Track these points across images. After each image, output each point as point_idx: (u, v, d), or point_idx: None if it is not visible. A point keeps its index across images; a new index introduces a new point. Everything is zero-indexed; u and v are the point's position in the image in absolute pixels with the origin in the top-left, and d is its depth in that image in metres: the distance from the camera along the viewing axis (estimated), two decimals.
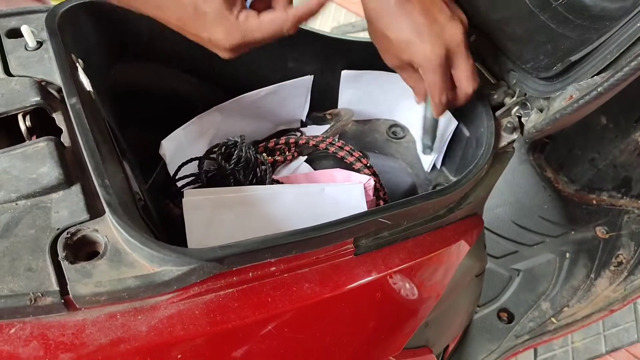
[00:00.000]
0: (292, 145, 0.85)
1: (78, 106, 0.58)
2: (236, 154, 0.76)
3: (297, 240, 0.55)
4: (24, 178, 0.54)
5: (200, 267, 0.50)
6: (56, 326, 0.48)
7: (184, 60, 0.83)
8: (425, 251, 0.67)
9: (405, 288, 0.66)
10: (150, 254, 0.49)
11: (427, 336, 0.81)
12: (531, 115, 0.72)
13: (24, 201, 0.53)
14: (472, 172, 0.69)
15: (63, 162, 0.55)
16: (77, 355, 0.48)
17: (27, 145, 0.56)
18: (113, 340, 0.49)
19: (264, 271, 0.56)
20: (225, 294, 0.54)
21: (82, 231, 0.51)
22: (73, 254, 0.50)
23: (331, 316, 0.60)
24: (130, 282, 0.49)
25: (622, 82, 0.56)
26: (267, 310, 0.54)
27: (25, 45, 0.67)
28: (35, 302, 0.47)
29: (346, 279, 0.60)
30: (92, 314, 0.49)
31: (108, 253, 0.50)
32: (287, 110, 0.92)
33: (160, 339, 0.50)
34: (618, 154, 1.21)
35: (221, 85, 0.87)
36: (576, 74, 0.64)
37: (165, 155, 0.78)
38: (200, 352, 0.52)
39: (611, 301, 1.26)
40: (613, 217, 1.30)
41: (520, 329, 1.24)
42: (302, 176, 0.82)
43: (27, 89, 0.61)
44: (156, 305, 0.51)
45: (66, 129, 0.61)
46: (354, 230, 0.59)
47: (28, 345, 0.47)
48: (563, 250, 1.31)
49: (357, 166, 0.82)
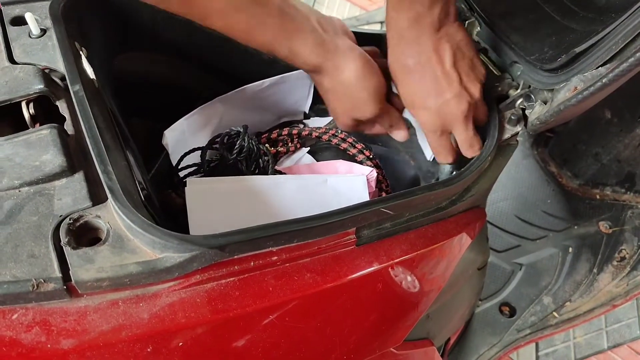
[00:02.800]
0: (295, 136, 0.85)
1: (81, 93, 0.58)
2: (238, 144, 0.76)
3: (300, 228, 0.55)
4: (27, 165, 0.54)
5: (202, 253, 0.50)
6: (58, 312, 0.48)
7: (188, 51, 0.83)
8: (427, 243, 0.67)
9: (406, 279, 0.66)
10: (152, 240, 0.49)
11: (428, 328, 0.81)
12: (535, 108, 0.72)
13: (27, 188, 0.53)
14: (475, 164, 0.69)
15: (66, 149, 0.55)
16: (78, 341, 0.48)
17: (30, 133, 0.56)
18: (115, 327, 0.49)
19: (266, 260, 0.56)
20: (226, 282, 0.54)
21: (85, 217, 0.51)
22: (75, 240, 0.50)
23: (332, 306, 0.60)
24: (132, 268, 0.49)
25: (627, 73, 0.56)
26: (268, 299, 0.55)
27: (29, 32, 0.67)
28: (38, 288, 0.47)
29: (348, 269, 0.60)
30: (94, 301, 0.49)
31: (110, 239, 0.50)
32: (291, 102, 0.91)
33: (162, 327, 0.50)
34: (622, 149, 1.20)
35: (224, 75, 0.87)
36: (581, 65, 0.63)
37: (168, 145, 0.78)
38: (201, 340, 0.52)
39: (613, 296, 1.26)
40: (616, 212, 1.30)
41: (522, 323, 1.24)
42: (305, 167, 0.82)
43: (31, 77, 0.61)
44: (158, 292, 0.51)
45: (69, 117, 0.61)
46: (357, 219, 0.59)
47: (30, 331, 0.47)
48: (566, 245, 1.31)
49: (360, 158, 0.82)
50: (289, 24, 0.65)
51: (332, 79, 0.71)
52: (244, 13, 0.62)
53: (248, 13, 0.63)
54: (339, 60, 0.69)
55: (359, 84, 0.70)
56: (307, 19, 0.68)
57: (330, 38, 0.69)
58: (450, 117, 0.70)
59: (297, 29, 0.66)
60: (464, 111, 0.69)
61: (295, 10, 0.67)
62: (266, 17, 0.64)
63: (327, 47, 0.68)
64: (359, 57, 0.70)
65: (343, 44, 0.70)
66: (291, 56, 0.68)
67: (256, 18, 0.63)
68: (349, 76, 0.70)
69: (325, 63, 0.69)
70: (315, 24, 0.68)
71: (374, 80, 0.71)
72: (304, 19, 0.67)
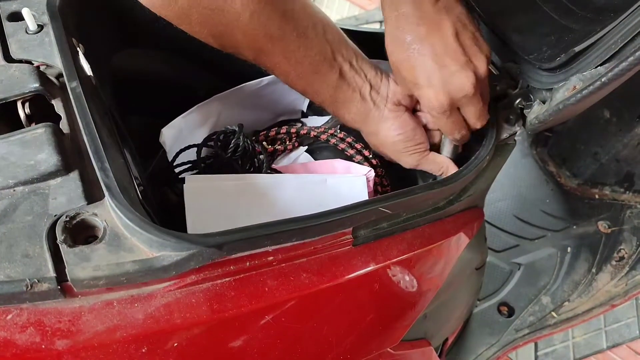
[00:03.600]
0: (293, 135, 0.85)
1: (78, 90, 0.58)
2: (233, 142, 0.76)
3: (298, 227, 0.55)
4: (21, 164, 0.54)
5: (199, 252, 0.50)
6: (53, 313, 0.48)
7: (186, 49, 0.83)
8: (424, 243, 0.67)
9: (403, 280, 0.66)
10: (149, 239, 0.49)
11: (425, 328, 0.80)
12: (533, 107, 0.71)
13: (21, 187, 0.53)
14: (474, 163, 0.69)
15: (61, 148, 0.55)
16: (73, 342, 0.48)
17: (25, 132, 0.56)
18: (109, 327, 0.49)
19: (262, 260, 0.55)
20: (222, 282, 0.53)
21: (81, 215, 0.51)
22: (72, 238, 0.49)
23: (329, 307, 0.60)
24: (129, 266, 0.48)
25: (626, 72, 0.56)
26: (264, 299, 0.54)
27: (26, 28, 0.66)
28: (32, 288, 0.46)
29: (344, 269, 0.60)
30: (89, 301, 0.49)
31: (107, 237, 0.50)
32: (289, 101, 0.91)
33: (157, 327, 0.50)
34: (621, 148, 1.20)
35: (223, 73, 0.87)
36: (580, 64, 0.63)
37: (165, 143, 0.78)
38: (196, 340, 0.52)
39: (612, 296, 1.26)
40: (615, 212, 1.29)
41: (521, 323, 1.23)
42: (301, 166, 0.81)
43: (26, 76, 0.60)
44: (153, 293, 0.51)
45: (65, 116, 0.60)
46: (355, 219, 0.59)
47: (25, 332, 0.47)
48: (564, 245, 1.31)
49: (358, 158, 0.82)
50: (340, 95, 0.69)
51: (370, 139, 0.75)
52: (303, 80, 0.67)
53: (307, 81, 0.67)
54: (376, 126, 0.73)
55: (395, 147, 0.74)
56: (360, 88, 0.70)
57: (374, 109, 0.71)
58: (458, 92, 0.65)
59: (347, 100, 0.70)
60: (473, 83, 0.64)
61: (350, 82, 0.69)
62: (323, 88, 0.68)
63: (369, 116, 0.72)
64: (398, 121, 0.72)
65: (386, 114, 0.72)
66: (334, 115, 0.74)
67: (313, 86, 0.68)
68: (384, 140, 0.73)
69: (363, 128, 0.74)
70: (367, 94, 0.71)
71: (410, 140, 0.73)
72: (356, 90, 0.70)
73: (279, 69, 0.66)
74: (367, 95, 0.71)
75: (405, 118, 0.72)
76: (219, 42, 0.62)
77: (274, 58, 0.64)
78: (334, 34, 0.67)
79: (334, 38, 0.67)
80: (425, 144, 0.74)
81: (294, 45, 0.64)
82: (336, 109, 0.71)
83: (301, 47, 0.64)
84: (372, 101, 0.71)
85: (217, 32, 0.61)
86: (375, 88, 0.71)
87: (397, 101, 0.71)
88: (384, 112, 0.71)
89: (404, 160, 0.76)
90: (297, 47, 0.64)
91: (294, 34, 0.63)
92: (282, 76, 0.67)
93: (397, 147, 0.74)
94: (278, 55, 0.64)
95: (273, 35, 0.62)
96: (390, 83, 0.72)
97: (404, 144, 0.73)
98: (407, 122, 0.72)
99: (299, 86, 0.68)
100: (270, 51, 0.63)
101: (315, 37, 0.65)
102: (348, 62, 0.68)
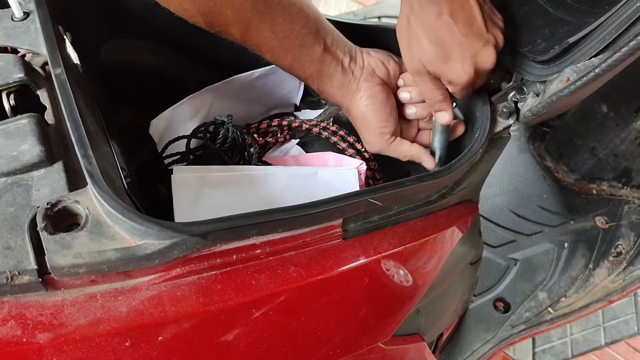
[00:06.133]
0: (285, 127, 0.84)
1: (63, 76, 0.57)
2: (222, 134, 0.75)
3: (284, 217, 0.53)
4: (4, 155, 0.53)
5: (183, 241, 0.49)
6: (34, 306, 0.47)
7: (177, 39, 0.82)
8: (416, 237, 0.66)
9: (394, 274, 0.65)
10: (132, 227, 0.48)
11: (418, 323, 0.80)
12: (527, 100, 0.71)
13: (4, 179, 0.52)
14: (467, 156, 0.68)
15: (45, 139, 0.54)
16: (55, 335, 0.47)
17: (8, 122, 0.55)
18: (92, 321, 0.48)
19: (249, 254, 0.54)
20: (208, 276, 0.52)
21: (63, 202, 0.49)
22: (53, 225, 0.48)
23: (318, 301, 0.59)
24: (111, 254, 0.47)
25: (620, 62, 0.55)
26: (251, 293, 0.53)
27: (11, 15, 0.65)
28: (12, 280, 0.46)
29: (333, 263, 0.59)
30: (71, 295, 0.48)
31: (89, 225, 0.49)
32: (281, 94, 0.90)
33: (141, 321, 0.49)
34: (619, 143, 1.19)
35: (214, 65, 0.86)
36: (574, 56, 0.62)
37: (155, 135, 0.77)
38: (182, 334, 0.51)
39: (610, 292, 1.25)
40: (613, 207, 1.29)
41: (517, 318, 1.23)
42: (292, 158, 0.81)
43: (10, 66, 0.60)
44: (137, 286, 0.50)
45: (51, 106, 0.59)
46: (344, 210, 0.58)
47: (5, 325, 0.46)
48: (561, 240, 1.30)
49: (350, 152, 0.81)
50: (325, 68, 0.71)
51: (351, 112, 0.76)
52: (290, 54, 0.69)
53: (294, 55, 0.69)
54: (351, 98, 0.74)
55: (363, 118, 0.74)
56: (341, 60, 0.72)
57: (352, 79, 0.73)
58: (484, 66, 0.65)
59: (330, 73, 0.72)
60: (495, 58, 0.65)
61: (333, 54, 0.71)
62: (308, 62, 0.70)
63: (349, 88, 0.73)
64: (370, 91, 0.73)
65: (360, 83, 0.73)
66: (318, 91, 0.75)
67: (299, 60, 0.70)
68: (356, 113, 0.75)
69: (344, 102, 0.75)
70: (347, 65, 0.73)
71: (377, 113, 0.73)
72: (339, 62, 0.72)
73: (266, 45, 0.67)
74: (347, 66, 0.73)
75: (378, 90, 0.73)
76: (208, 20, 0.63)
77: (261, 33, 0.66)
78: (312, 10, 0.70)
79: (314, 13, 0.70)
80: (391, 127, 0.74)
81: (280, 18, 0.66)
82: (321, 83, 0.73)
83: (287, 21, 0.66)
84: (351, 71, 0.73)
85: (206, 9, 0.61)
86: (353, 59, 0.73)
87: (372, 70, 0.73)
88: (359, 82, 0.73)
89: (369, 139, 0.76)
90: (283, 20, 0.66)
91: (279, 8, 0.65)
92: (269, 53, 0.69)
93: (364, 120, 0.74)
94: (265, 30, 0.65)
95: (260, 9, 0.63)
96: (363, 54, 0.74)
97: (371, 115, 0.73)
98: (377, 94, 0.73)
99: (286, 61, 0.70)
100: (257, 26, 0.65)
101: (300, 11, 0.67)
102: (330, 35, 0.71)
